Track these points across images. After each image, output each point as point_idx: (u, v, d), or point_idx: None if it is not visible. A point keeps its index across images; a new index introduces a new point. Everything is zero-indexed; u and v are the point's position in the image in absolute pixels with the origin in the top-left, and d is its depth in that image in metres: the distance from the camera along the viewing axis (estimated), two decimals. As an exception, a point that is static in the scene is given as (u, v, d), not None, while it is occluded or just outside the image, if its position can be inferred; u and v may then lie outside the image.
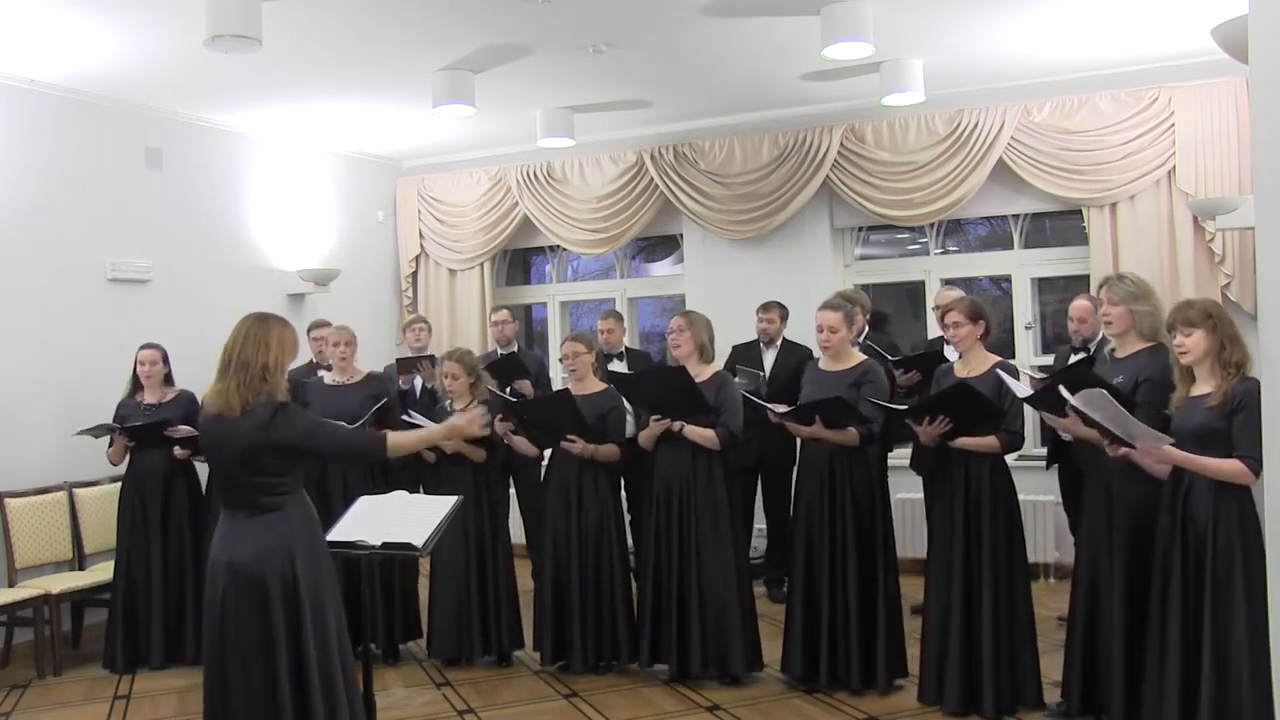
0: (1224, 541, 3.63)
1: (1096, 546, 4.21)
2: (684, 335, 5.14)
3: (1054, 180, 6.89)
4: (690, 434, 5.01)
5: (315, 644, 3.50)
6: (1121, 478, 4.02)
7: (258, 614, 3.47)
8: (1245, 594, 3.59)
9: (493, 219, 8.66)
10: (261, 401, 3.49)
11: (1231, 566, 3.61)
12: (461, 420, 4.06)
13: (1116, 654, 4.07)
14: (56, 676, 5.66)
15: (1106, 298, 4.23)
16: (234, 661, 3.49)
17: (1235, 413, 3.59)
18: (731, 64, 6.53)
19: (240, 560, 3.49)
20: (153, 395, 5.86)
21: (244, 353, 3.52)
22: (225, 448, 3.55)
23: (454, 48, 5.99)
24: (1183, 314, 3.77)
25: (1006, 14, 5.74)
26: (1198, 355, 3.73)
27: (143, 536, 5.74)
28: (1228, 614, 3.61)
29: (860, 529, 4.81)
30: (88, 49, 5.82)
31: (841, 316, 4.91)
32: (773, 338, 6.66)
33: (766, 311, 6.66)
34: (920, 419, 4.50)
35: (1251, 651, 3.55)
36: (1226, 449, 3.61)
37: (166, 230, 7.13)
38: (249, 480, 3.52)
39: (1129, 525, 4.06)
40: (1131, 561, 4.05)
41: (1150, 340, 4.15)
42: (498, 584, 5.49)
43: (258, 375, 3.50)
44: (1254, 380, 3.59)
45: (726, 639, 5.00)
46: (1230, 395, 3.63)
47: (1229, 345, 3.68)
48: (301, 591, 3.49)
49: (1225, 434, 3.62)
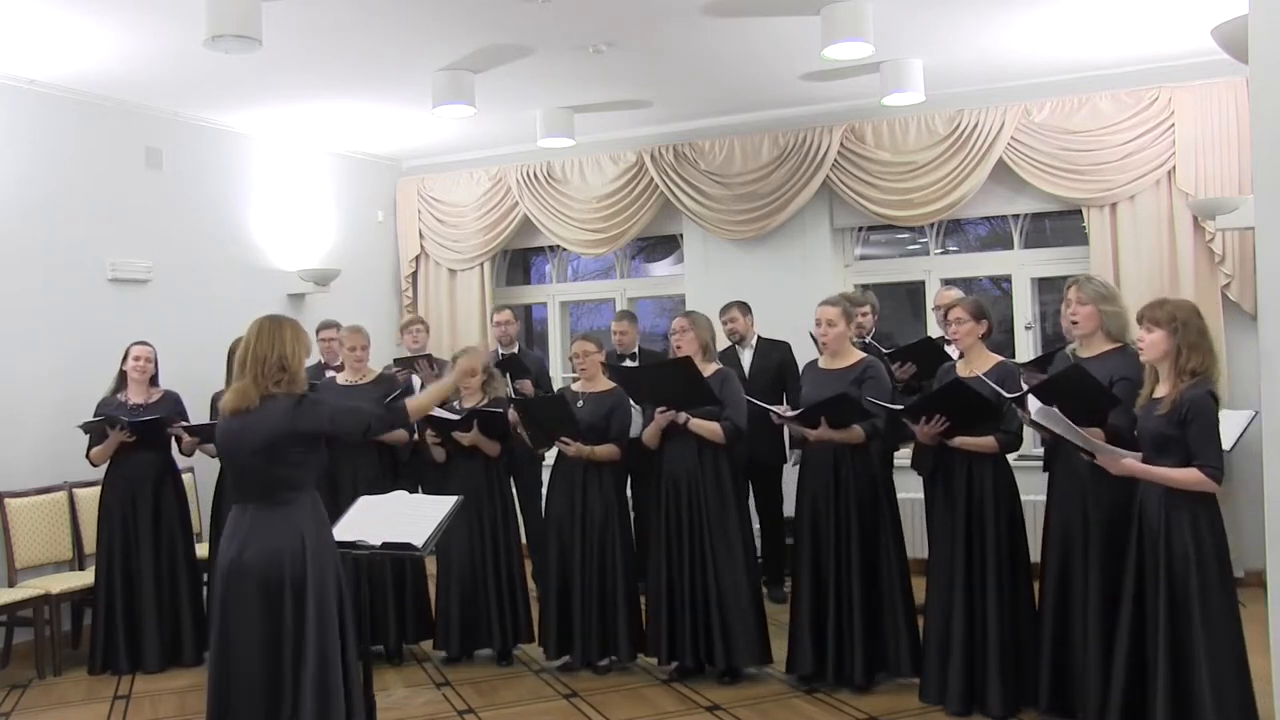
0: (1178, 548, 3.66)
1: (1068, 547, 4.23)
2: (687, 335, 5.16)
3: (1054, 180, 6.89)
4: (695, 427, 5.01)
5: (315, 637, 3.50)
6: (1095, 478, 4.03)
7: (264, 606, 3.48)
8: (1200, 601, 3.61)
9: (493, 219, 8.66)
10: (283, 392, 3.54)
11: (1187, 575, 3.64)
12: (465, 361, 4.12)
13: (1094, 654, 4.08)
14: (56, 676, 5.66)
15: (1075, 297, 4.28)
16: (237, 655, 3.50)
17: (1186, 422, 3.61)
18: (731, 64, 6.53)
19: (250, 553, 3.51)
20: (138, 395, 5.82)
21: (259, 348, 3.57)
22: (244, 440, 3.56)
23: (454, 48, 5.99)
24: (1150, 311, 3.80)
25: (1006, 14, 5.74)
26: (1153, 355, 3.77)
27: (133, 540, 5.71)
28: (1188, 622, 3.63)
29: (866, 526, 4.81)
30: (88, 49, 5.82)
31: (840, 311, 4.92)
32: (742, 336, 6.61)
33: (727, 313, 6.60)
34: (917, 418, 4.51)
35: (1209, 662, 3.58)
36: (1180, 456, 3.64)
37: (166, 230, 7.13)
38: (269, 472, 3.54)
39: (1103, 524, 4.09)
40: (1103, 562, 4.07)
41: (1117, 341, 4.21)
42: (510, 577, 5.54)
43: (275, 365, 3.55)
44: (1203, 388, 3.63)
45: (740, 634, 5.01)
46: (1178, 403, 3.64)
47: (1186, 352, 3.68)
48: (309, 585, 3.51)
49: (1178, 441, 3.64)
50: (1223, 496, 3.85)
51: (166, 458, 5.89)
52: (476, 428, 5.40)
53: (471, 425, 5.39)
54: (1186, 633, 3.64)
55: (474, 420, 5.39)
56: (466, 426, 5.39)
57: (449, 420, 5.39)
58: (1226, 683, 3.60)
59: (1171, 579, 3.67)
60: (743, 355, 6.60)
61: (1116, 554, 3.98)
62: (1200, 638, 3.60)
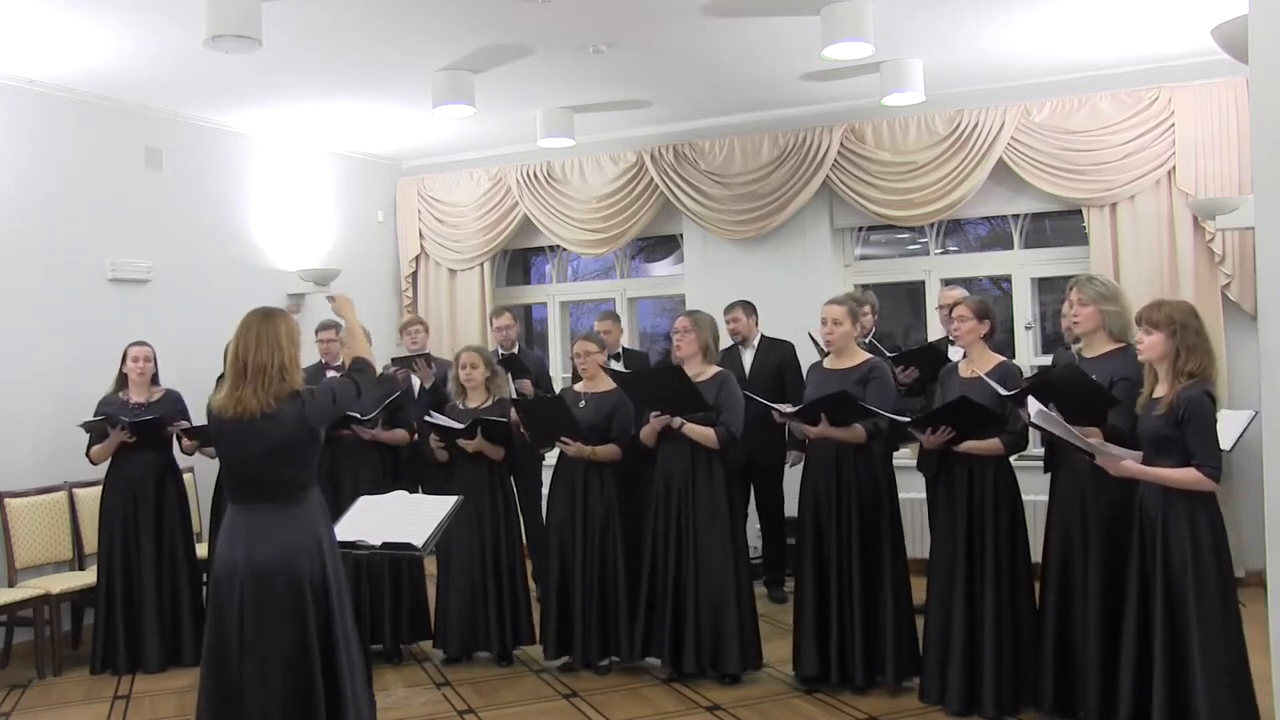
0: (1176, 547, 3.68)
1: (1068, 545, 4.24)
2: (688, 336, 5.15)
3: (1054, 180, 6.89)
4: (690, 432, 5.01)
5: (343, 635, 3.51)
6: (1095, 478, 4.04)
7: (291, 610, 3.44)
8: (1197, 600, 3.63)
9: (493, 219, 8.66)
10: (289, 398, 3.50)
11: (1184, 574, 3.65)
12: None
13: (1092, 652, 4.09)
14: (56, 676, 5.66)
15: (1076, 298, 4.29)
16: (257, 659, 3.43)
17: (1184, 423, 3.64)
18: (731, 64, 6.53)
19: (265, 556, 3.46)
20: (139, 394, 5.83)
21: (259, 357, 3.49)
22: (253, 444, 3.50)
23: (454, 48, 5.99)
24: (1149, 313, 3.83)
25: (1006, 14, 5.74)
26: (1152, 356, 3.79)
27: (133, 540, 5.71)
28: (1185, 621, 3.64)
29: (868, 526, 4.80)
30: (88, 49, 5.82)
31: (845, 310, 4.92)
32: (745, 336, 6.60)
33: (730, 312, 6.60)
34: (923, 429, 4.52)
35: (1205, 660, 3.59)
36: (1179, 456, 3.66)
37: (166, 230, 7.13)
38: (279, 473, 3.51)
39: (1103, 522, 4.10)
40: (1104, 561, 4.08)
41: (1119, 341, 4.22)
42: (512, 578, 5.53)
43: (276, 377, 3.50)
44: (1199, 388, 3.67)
45: (723, 638, 5.00)
46: (1175, 404, 3.67)
47: (1184, 354, 3.71)
48: (330, 583, 3.51)
49: (1176, 441, 3.66)
50: (1223, 496, 3.87)
51: (167, 457, 5.89)
52: (480, 435, 5.40)
53: (475, 432, 5.39)
54: (1184, 631, 3.64)
55: (478, 427, 5.39)
56: (471, 434, 5.39)
57: (453, 428, 5.39)
58: (1222, 681, 3.61)
59: (1169, 578, 3.68)
60: (744, 355, 6.59)
61: (1117, 553, 3.99)
62: (1197, 636, 3.61)
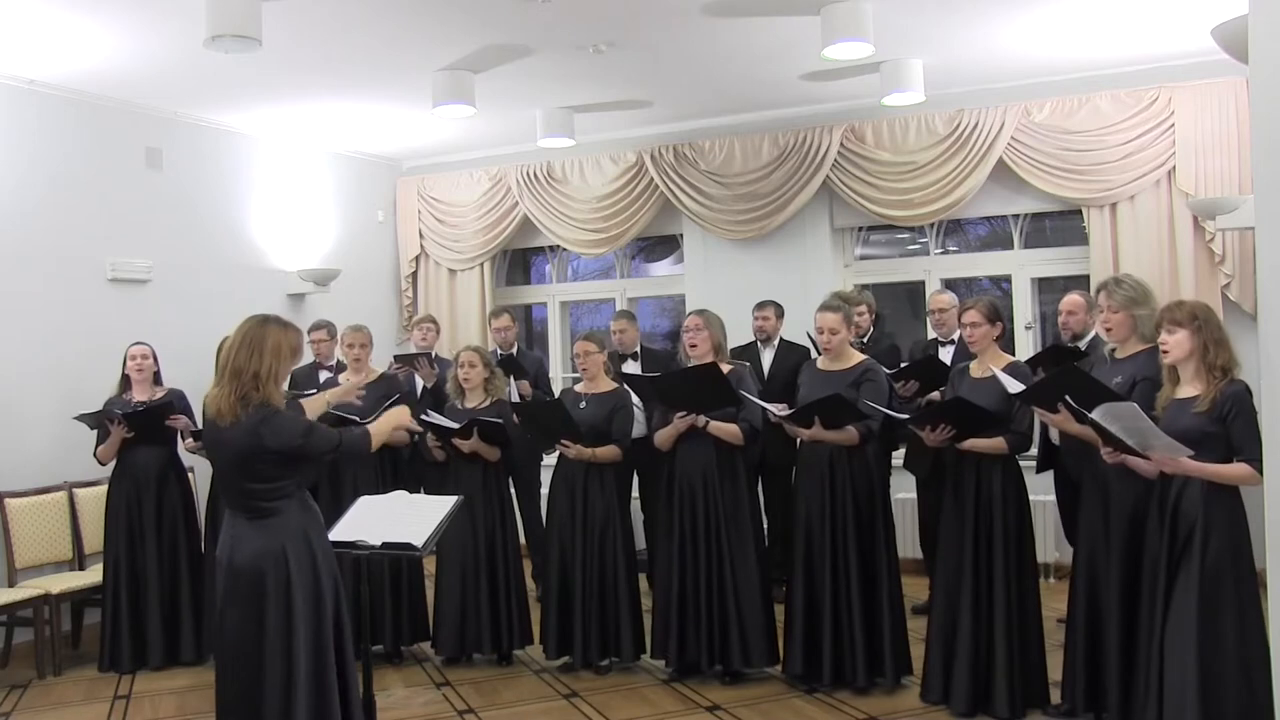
0: (1215, 544, 3.65)
1: (1094, 546, 4.22)
2: (701, 334, 5.14)
3: (1054, 180, 6.89)
4: (715, 429, 5.00)
5: (307, 647, 3.51)
6: (1118, 478, 4.03)
7: (252, 615, 3.50)
8: (1234, 595, 3.61)
9: (493, 219, 8.66)
10: (254, 408, 3.49)
11: (1221, 568, 3.63)
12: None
13: (1113, 652, 4.08)
14: (56, 676, 5.66)
15: (1106, 304, 4.22)
16: (229, 659, 3.55)
17: (1229, 418, 3.62)
18: (731, 64, 6.53)
19: (238, 562, 3.54)
20: (142, 393, 5.83)
21: (237, 359, 3.52)
22: (221, 451, 3.59)
23: (454, 48, 5.99)
24: (1170, 314, 3.80)
25: (1006, 14, 5.74)
26: (1179, 355, 3.76)
27: (138, 536, 5.72)
28: (1217, 615, 3.61)
29: (861, 527, 4.81)
30: (88, 49, 5.82)
31: (841, 318, 4.91)
32: (770, 335, 6.63)
33: (762, 310, 6.63)
34: (922, 426, 4.52)
35: (1239, 653, 3.56)
36: (1220, 452, 3.64)
37: (166, 230, 7.13)
38: (244, 485, 3.55)
39: (1126, 525, 4.08)
40: (1128, 561, 4.06)
41: (1151, 341, 4.14)
42: (508, 580, 5.52)
43: (249, 384, 3.49)
44: (1240, 382, 3.65)
45: (754, 634, 5.00)
46: (1220, 400, 3.65)
47: (1213, 349, 3.69)
48: (295, 595, 3.50)
49: (1218, 438, 3.64)
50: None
51: (171, 454, 5.89)
52: (476, 435, 5.40)
53: (471, 432, 5.39)
54: (1217, 623, 3.59)
55: (474, 428, 5.39)
56: (467, 434, 5.39)
57: (449, 427, 5.39)
58: (1260, 676, 3.54)
59: (1204, 574, 3.63)
60: (764, 354, 6.61)
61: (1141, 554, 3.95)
62: (1231, 628, 3.57)
